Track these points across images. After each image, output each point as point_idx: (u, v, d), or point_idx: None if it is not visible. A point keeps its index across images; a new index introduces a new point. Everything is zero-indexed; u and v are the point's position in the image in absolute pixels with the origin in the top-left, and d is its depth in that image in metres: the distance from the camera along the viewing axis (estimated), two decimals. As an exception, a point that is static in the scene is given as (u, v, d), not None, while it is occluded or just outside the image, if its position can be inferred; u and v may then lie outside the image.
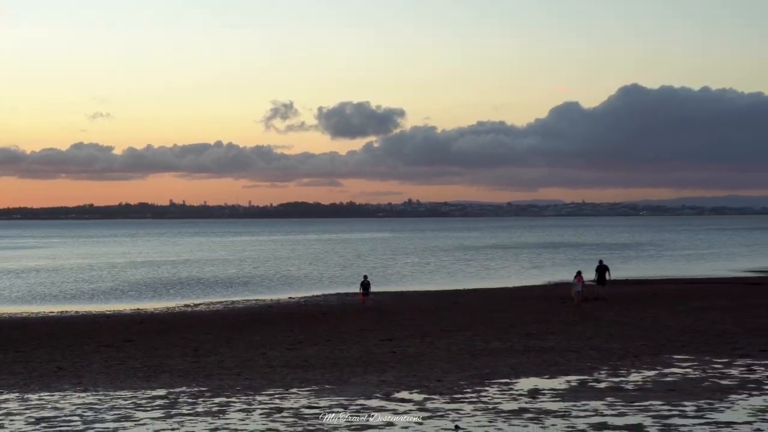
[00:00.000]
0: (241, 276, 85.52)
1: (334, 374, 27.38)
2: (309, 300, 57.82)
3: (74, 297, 64.88)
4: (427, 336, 36.63)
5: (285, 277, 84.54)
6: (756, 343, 33.01)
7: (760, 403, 21.75)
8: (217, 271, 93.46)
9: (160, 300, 60.74)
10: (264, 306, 53.94)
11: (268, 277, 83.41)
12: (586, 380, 25.41)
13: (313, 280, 79.36)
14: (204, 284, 75.89)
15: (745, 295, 54.85)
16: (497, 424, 19.67)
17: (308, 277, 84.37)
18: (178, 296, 64.07)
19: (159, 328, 41.85)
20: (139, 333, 39.66)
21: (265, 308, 52.29)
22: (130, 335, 38.74)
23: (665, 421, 19.87)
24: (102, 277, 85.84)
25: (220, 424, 20.13)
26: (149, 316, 48.78)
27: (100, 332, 40.22)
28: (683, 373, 26.39)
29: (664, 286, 64.98)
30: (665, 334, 35.93)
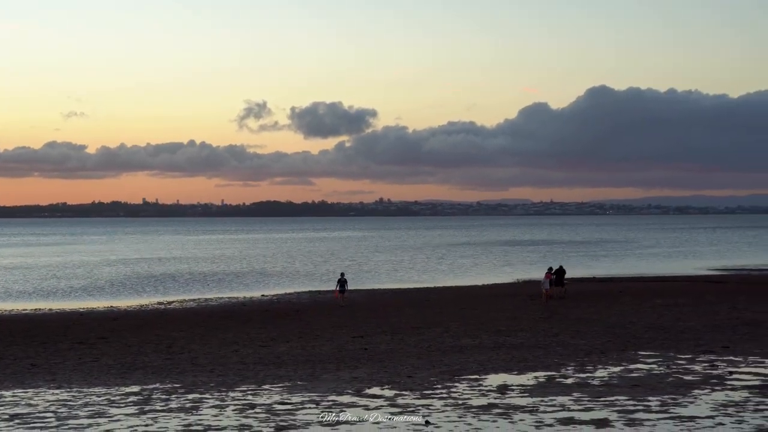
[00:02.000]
0: (214, 274, 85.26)
1: (307, 371, 27.41)
2: (281, 297, 57.76)
3: (48, 294, 64.48)
4: (398, 333, 36.71)
5: (258, 275, 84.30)
6: (718, 339, 33.27)
7: (722, 398, 21.97)
8: (190, 268, 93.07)
9: (133, 297, 60.49)
10: (237, 303, 53.83)
11: (241, 275, 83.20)
12: (554, 376, 25.56)
13: (285, 278, 79.20)
14: (177, 282, 75.61)
15: (708, 293, 55.21)
16: (467, 420, 19.77)
17: (281, 275, 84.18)
18: (151, 294, 63.78)
19: (133, 325, 41.70)
20: (112, 330, 39.50)
21: (239, 306, 52.19)
22: (104, 332, 38.58)
23: (630, 415, 20.03)
24: (76, 274, 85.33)
25: (193, 420, 20.13)
26: (123, 313, 48.60)
27: (74, 329, 40.02)
28: (648, 369, 26.59)
29: (630, 283, 65.24)
30: (631, 331, 36.14)
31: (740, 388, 23.36)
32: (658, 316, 41.41)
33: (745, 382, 24.16)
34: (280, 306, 51.13)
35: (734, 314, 42.05)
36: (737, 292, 54.79)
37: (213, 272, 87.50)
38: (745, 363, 27.60)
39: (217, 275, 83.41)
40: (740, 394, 22.45)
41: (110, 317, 45.83)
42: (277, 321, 42.27)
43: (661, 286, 61.48)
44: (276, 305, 51.85)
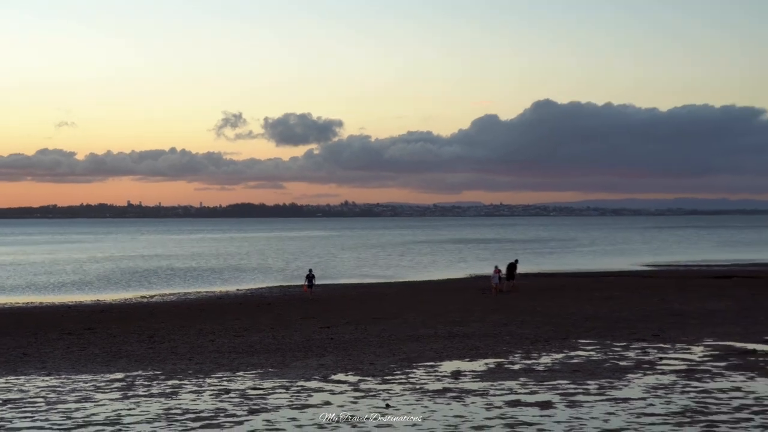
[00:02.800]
0: (193, 270, 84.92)
1: (277, 358, 27.38)
2: (255, 291, 57.66)
3: (39, 289, 64.01)
4: (361, 324, 36.71)
5: (233, 270, 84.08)
6: (649, 328, 33.54)
7: (653, 382, 22.16)
8: (171, 265, 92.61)
9: (118, 292, 60.14)
10: (214, 297, 53.68)
11: (217, 271, 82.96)
12: (503, 363, 25.64)
13: (258, 274, 79.02)
14: (159, 277, 75.27)
15: (640, 286, 55.63)
16: (423, 403, 19.81)
17: (254, 270, 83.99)
18: (135, 288, 63.44)
19: (117, 317, 41.50)
20: (99, 322, 39.28)
21: (215, 299, 52.04)
22: (91, 324, 38.36)
23: (571, 398, 20.14)
24: (65, 270, 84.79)
25: (173, 404, 20.07)
26: (108, 306, 48.33)
27: (63, 321, 39.78)
28: (587, 356, 26.75)
29: (571, 278, 65.64)
30: (571, 321, 36.33)
31: (669, 372, 23.59)
32: (596, 308, 41.67)
33: (673, 367, 24.39)
34: (254, 299, 51.02)
35: (663, 305, 42.43)
36: (666, 286, 55.29)
37: (192, 268, 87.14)
38: (673, 349, 27.85)
39: (195, 271, 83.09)
40: (669, 378, 22.66)
41: (97, 310, 45.57)
42: (251, 313, 42.17)
43: (598, 281, 61.85)
44: (249, 299, 51.74)
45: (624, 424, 17.59)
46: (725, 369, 24.02)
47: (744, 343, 29.21)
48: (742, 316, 37.60)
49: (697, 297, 46.71)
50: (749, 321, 35.66)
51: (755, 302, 43.54)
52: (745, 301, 44.01)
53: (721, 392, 20.74)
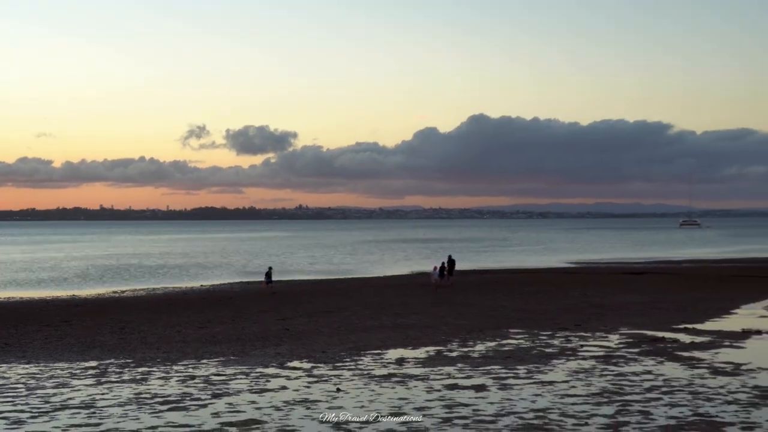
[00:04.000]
0: (160, 267, 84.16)
1: (238, 348, 27.26)
2: (217, 287, 57.31)
3: (19, 285, 63.08)
4: (314, 316, 36.63)
5: (197, 268, 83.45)
6: (571, 319, 33.84)
7: (575, 366, 22.40)
8: (140, 263, 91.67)
9: (92, 287, 59.41)
10: (180, 292, 53.27)
11: (183, 268, 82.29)
12: (441, 350, 25.74)
13: (220, 271, 78.50)
14: (130, 274, 74.50)
15: (564, 281, 56.04)
16: (371, 386, 19.85)
17: (216, 268, 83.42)
18: (108, 284, 62.71)
19: (92, 310, 41.00)
20: (74, 315, 38.79)
21: (181, 294, 51.65)
22: (67, 317, 37.88)
23: (503, 381, 20.28)
24: (43, 268, 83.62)
25: (142, 389, 19.95)
26: (83, 300, 47.72)
27: (41, 314, 39.23)
28: (517, 344, 26.93)
29: (503, 274, 65.94)
30: (503, 313, 36.52)
31: (589, 357, 23.85)
32: (525, 301, 41.94)
33: (592, 353, 24.65)
34: (216, 294, 50.69)
35: (584, 299, 42.82)
36: (587, 281, 55.72)
37: (160, 266, 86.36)
38: (592, 338, 28.14)
39: (163, 268, 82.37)
40: (589, 363, 22.91)
41: (72, 304, 44.99)
42: (213, 307, 41.90)
43: (527, 277, 62.23)
44: (212, 293, 51.40)
45: (549, 404, 17.75)
46: (638, 354, 24.34)
47: (654, 331, 29.61)
48: (653, 307, 38.09)
49: (613, 291, 47.20)
50: (658, 312, 36.14)
51: (664, 295, 44.10)
52: (655, 294, 44.55)
53: (635, 375, 21.03)
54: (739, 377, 20.73)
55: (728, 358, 23.77)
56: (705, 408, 17.30)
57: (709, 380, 20.33)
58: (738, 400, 18.03)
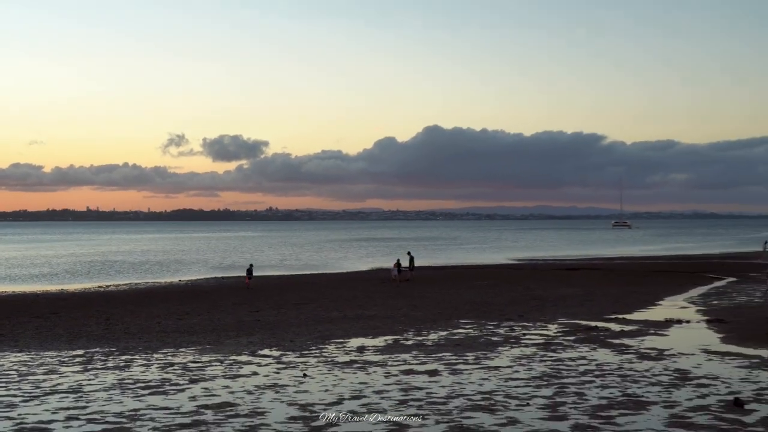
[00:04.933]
0: (142, 263, 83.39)
1: (213, 337, 27.16)
2: (194, 282, 56.91)
3: (12, 280, 62.18)
4: (283, 308, 36.58)
5: (176, 264, 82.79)
6: (515, 310, 34.02)
7: (518, 353, 22.55)
8: (124, 259, 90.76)
9: (79, 282, 58.71)
10: (160, 287, 52.85)
11: (163, 265, 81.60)
12: (398, 339, 25.82)
13: (197, 267, 77.92)
14: (114, 270, 73.73)
15: (510, 277, 56.40)
16: (334, 372, 19.87)
17: (194, 264, 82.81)
18: (94, 279, 62.03)
19: (79, 303, 40.60)
20: (63, 307, 38.39)
21: (161, 288, 51.25)
22: (56, 309, 37.49)
23: (453, 367, 20.38)
24: (34, 264, 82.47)
25: (125, 375, 19.83)
26: (71, 294, 47.19)
27: (33, 307, 38.78)
28: (466, 333, 27.06)
29: (455, 270, 66.21)
30: (454, 305, 36.67)
31: (530, 345, 24.02)
32: (473, 295, 42.13)
33: (534, 341, 24.84)
34: (193, 288, 50.40)
35: (526, 292, 43.07)
36: (529, 276, 56.14)
37: (141, 262, 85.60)
38: (534, 327, 28.33)
39: (145, 265, 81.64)
40: (530, 350, 23.08)
41: (61, 297, 44.52)
42: (191, 300, 41.68)
43: (476, 272, 62.50)
44: (190, 287, 51.08)
45: (495, 387, 17.88)
46: (574, 342, 24.57)
47: (588, 321, 29.89)
48: (587, 299, 38.45)
49: (552, 285, 47.56)
50: (592, 303, 36.50)
51: (597, 289, 44.51)
52: (589, 288, 44.95)
53: (571, 360, 21.24)
54: (662, 361, 21.03)
55: (653, 344, 24.09)
56: (632, 389, 17.53)
57: (636, 364, 20.60)
58: (661, 382, 18.29)
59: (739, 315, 30.81)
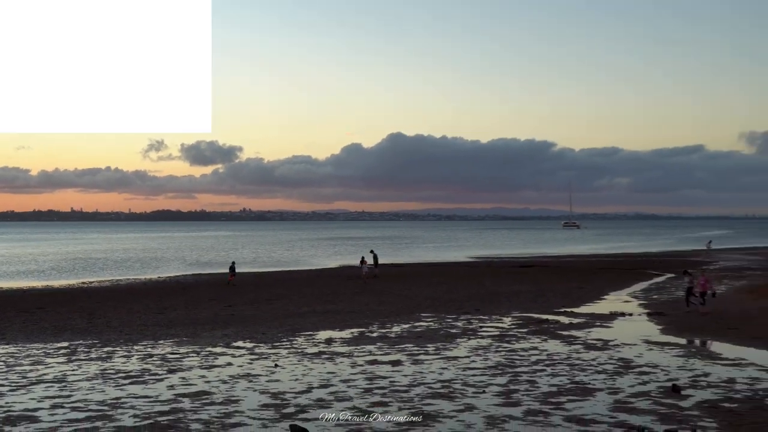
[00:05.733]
0: (124, 261, 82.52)
1: (190, 330, 27.01)
2: (173, 278, 56.46)
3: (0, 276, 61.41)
4: (256, 303, 36.46)
5: (155, 261, 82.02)
6: (472, 305, 34.16)
7: (475, 344, 22.70)
8: (106, 257, 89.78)
9: (64, 279, 57.98)
10: (140, 283, 52.36)
11: (143, 262, 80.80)
12: (364, 331, 25.86)
13: (175, 264, 77.29)
14: (97, 267, 72.85)
15: (466, 273, 56.58)
16: (304, 362, 19.87)
17: (172, 261, 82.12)
18: (78, 276, 61.27)
19: (63, 299, 40.13)
20: (48, 303, 37.92)
21: (141, 284, 50.78)
22: (42, 304, 37.02)
23: (415, 357, 20.46)
24: (21, 261, 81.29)
25: (107, 366, 19.70)
26: (56, 290, 46.61)
27: (19, 302, 38.26)
28: (427, 326, 27.17)
29: (417, 267, 66.31)
30: (416, 301, 36.78)
31: (486, 336, 24.18)
32: (434, 290, 42.26)
33: (489, 333, 25.00)
34: (172, 284, 50.02)
35: (483, 288, 43.28)
36: (485, 273, 56.38)
37: (123, 260, 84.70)
38: (490, 320, 28.50)
39: (126, 262, 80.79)
40: (486, 341, 23.23)
41: (47, 293, 43.95)
42: (169, 295, 41.39)
43: (436, 269, 62.68)
44: (169, 284, 50.69)
45: (454, 375, 17.98)
46: (526, 334, 24.77)
47: (540, 314, 30.16)
48: (538, 295, 38.73)
49: (506, 281, 47.85)
50: (543, 299, 36.78)
51: (548, 285, 44.85)
52: (541, 284, 45.28)
53: (523, 351, 21.41)
54: (606, 351, 21.28)
55: (599, 336, 24.38)
56: (580, 377, 17.72)
57: (583, 354, 20.82)
58: (606, 370, 18.50)
59: (677, 308, 31.25)
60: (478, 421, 13.98)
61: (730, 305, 32.46)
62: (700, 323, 26.92)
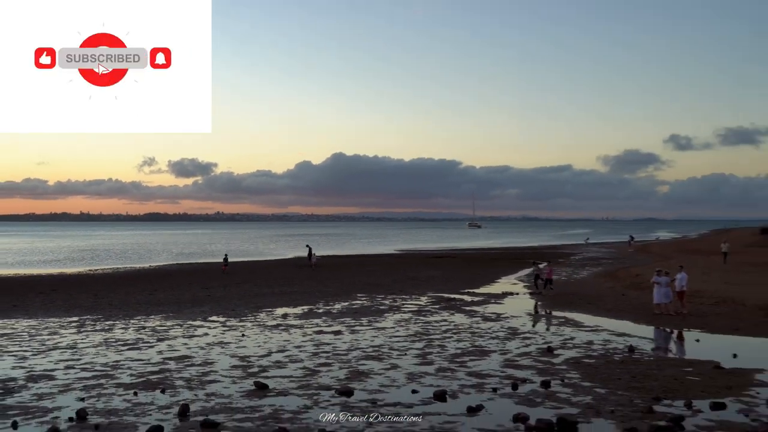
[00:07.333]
0: (122, 253, 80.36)
1: (175, 308, 26.60)
2: (161, 267, 55.22)
3: (23, 265, 59.08)
4: (227, 286, 36.02)
5: (147, 253, 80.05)
6: (397, 287, 34.07)
7: (399, 317, 22.88)
8: (108, 250, 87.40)
9: (74, 267, 56.20)
10: (135, 270, 51.08)
11: (137, 254, 78.81)
12: (312, 308, 25.85)
13: (164, 256, 75.64)
14: (101, 257, 70.75)
15: (393, 263, 56.80)
16: (265, 333, 19.82)
17: (161, 253, 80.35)
18: (86, 264, 59.47)
19: (73, 282, 38.99)
20: (61, 285, 36.79)
21: (136, 271, 49.57)
22: (56, 287, 35.93)
23: (352, 328, 20.58)
24: (41, 252, 78.57)
25: (110, 335, 19.38)
26: (68, 276, 45.19)
27: (38, 285, 37.03)
28: (361, 304, 27.27)
29: (353, 258, 66.22)
30: (354, 284, 36.80)
31: (407, 312, 24.41)
32: (368, 277, 42.28)
33: (410, 309, 25.24)
34: (160, 271, 49.02)
35: (406, 274, 43.36)
36: (407, 263, 56.58)
37: (121, 252, 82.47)
38: (410, 299, 28.74)
39: (124, 254, 78.67)
40: (407, 315, 23.45)
41: (60, 278, 42.60)
42: (158, 280, 40.58)
43: (370, 260, 62.54)
44: (157, 271, 49.62)
45: (382, 342, 18.17)
46: (439, 309, 25.08)
47: (449, 294, 30.50)
48: (448, 279, 39.10)
49: (423, 269, 48.17)
50: (451, 282, 37.12)
51: (455, 271, 45.33)
52: (450, 271, 45.66)
53: (436, 322, 21.71)
54: (499, 322, 21.74)
55: (493, 310, 24.85)
56: (479, 342, 18.09)
57: (482, 324, 21.24)
58: (498, 336, 18.92)
59: (550, 289, 32.00)
60: (401, 376, 14.21)
61: (589, 286, 33.41)
62: (567, 300, 27.62)
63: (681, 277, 23.44)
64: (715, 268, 39.66)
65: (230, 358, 16.05)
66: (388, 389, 13.06)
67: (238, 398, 12.49)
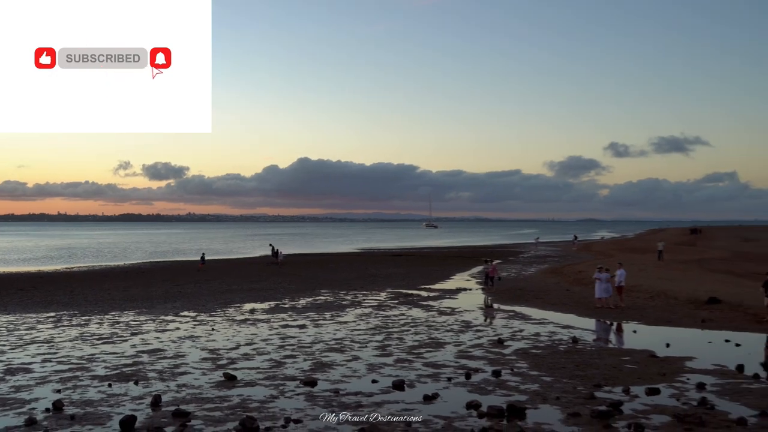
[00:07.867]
0: (98, 251, 78.59)
1: (148, 303, 26.12)
2: (134, 265, 54.12)
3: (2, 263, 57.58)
4: (198, 283, 35.52)
5: (122, 251, 78.48)
6: (358, 283, 34.14)
7: (360, 312, 22.87)
8: (83, 248, 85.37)
9: (51, 265, 54.71)
10: (109, 268, 49.97)
11: (112, 252, 77.16)
12: (279, 304, 25.67)
13: (139, 254, 74.23)
14: (77, 256, 69.00)
15: (355, 260, 56.65)
16: (234, 327, 19.61)
17: (135, 251, 78.81)
18: (63, 263, 57.91)
19: (51, 280, 37.92)
20: (39, 282, 35.78)
21: (110, 269, 48.50)
22: (34, 284, 34.92)
23: (317, 322, 20.49)
24: (19, 251, 76.31)
25: (85, 330, 18.94)
26: (46, 273, 44.00)
27: (17, 282, 35.94)
28: (325, 299, 27.19)
29: (317, 256, 65.96)
30: (318, 281, 36.65)
31: (368, 306, 24.40)
32: (331, 273, 42.16)
33: (370, 304, 25.25)
34: (133, 269, 48.05)
35: (366, 271, 43.35)
36: (368, 261, 56.50)
37: (97, 251, 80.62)
38: (371, 294, 28.71)
39: (100, 252, 76.95)
40: (368, 310, 23.45)
41: (38, 276, 41.43)
42: (132, 278, 39.76)
43: (331, 258, 62.39)
44: (131, 268, 48.62)
45: (344, 335, 18.13)
46: (397, 304, 25.14)
47: (407, 290, 30.61)
48: (406, 276, 39.20)
49: (383, 266, 48.19)
50: (409, 279, 37.23)
51: (413, 268, 45.42)
52: (408, 268, 45.71)
53: (395, 316, 21.75)
54: (453, 316, 21.89)
55: (448, 304, 25.01)
56: (434, 334, 18.18)
57: (437, 318, 21.35)
58: (453, 329, 19.05)
59: (501, 285, 32.37)
60: (362, 367, 14.20)
61: (536, 282, 33.88)
62: (516, 295, 27.96)
63: (620, 274, 23.94)
64: (651, 265, 40.63)
65: (200, 351, 15.82)
66: (350, 379, 13.01)
67: (208, 389, 12.32)
